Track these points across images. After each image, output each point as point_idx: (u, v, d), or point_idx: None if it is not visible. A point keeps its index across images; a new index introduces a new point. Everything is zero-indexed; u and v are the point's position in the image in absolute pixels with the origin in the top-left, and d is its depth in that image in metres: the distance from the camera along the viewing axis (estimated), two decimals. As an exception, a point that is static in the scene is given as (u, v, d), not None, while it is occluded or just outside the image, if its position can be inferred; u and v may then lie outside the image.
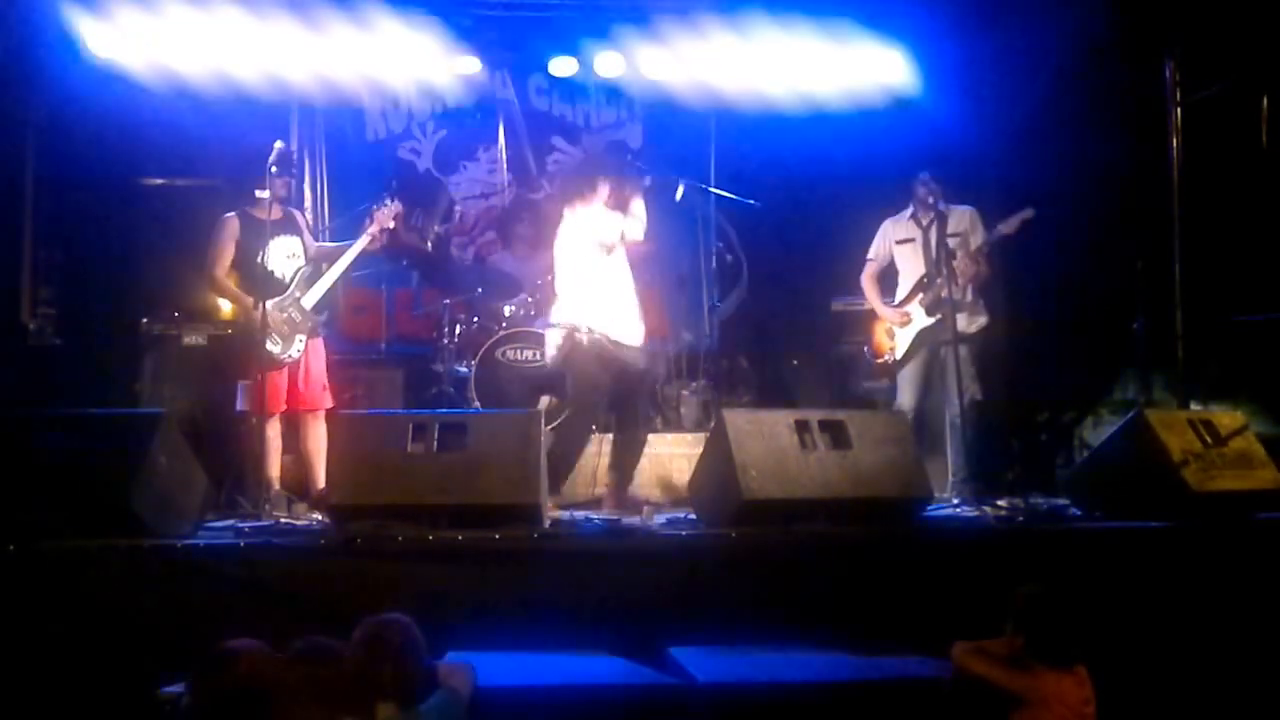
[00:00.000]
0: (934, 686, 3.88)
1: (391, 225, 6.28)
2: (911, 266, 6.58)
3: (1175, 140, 6.79)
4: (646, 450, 6.23)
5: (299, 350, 5.95)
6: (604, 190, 5.93)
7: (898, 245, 6.66)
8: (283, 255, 5.99)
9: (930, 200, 6.33)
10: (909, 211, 6.62)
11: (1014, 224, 6.30)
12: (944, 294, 6.22)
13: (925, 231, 6.50)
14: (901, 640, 4.29)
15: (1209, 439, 5.35)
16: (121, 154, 7.49)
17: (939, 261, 6.26)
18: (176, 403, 6.47)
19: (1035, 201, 6.26)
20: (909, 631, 4.33)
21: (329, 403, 6.13)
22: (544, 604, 4.39)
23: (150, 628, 4.21)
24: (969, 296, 6.41)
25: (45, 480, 4.55)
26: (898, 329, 6.57)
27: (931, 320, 6.40)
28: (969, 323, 6.35)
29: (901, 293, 6.61)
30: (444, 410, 6.64)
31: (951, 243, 6.27)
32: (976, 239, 6.41)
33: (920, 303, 6.47)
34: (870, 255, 6.78)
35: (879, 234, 6.76)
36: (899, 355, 6.56)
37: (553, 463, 5.38)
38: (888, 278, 6.75)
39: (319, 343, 6.13)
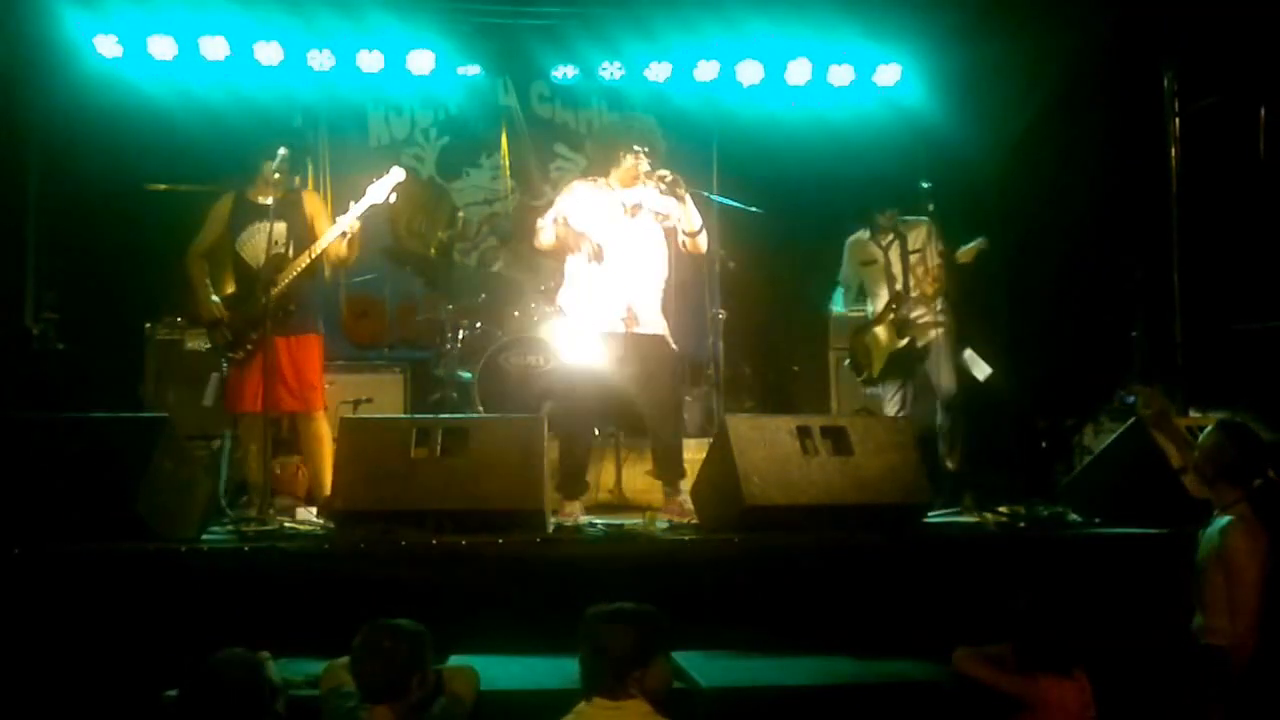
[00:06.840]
0: (935, 691, 3.90)
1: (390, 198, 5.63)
2: (878, 288, 6.60)
3: (1174, 150, 6.82)
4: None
5: (250, 347, 5.49)
6: None
7: (863, 267, 6.67)
8: (264, 243, 5.50)
9: (888, 225, 6.38)
10: (866, 234, 6.63)
11: (970, 253, 6.36)
12: (912, 315, 6.33)
13: (885, 252, 6.53)
14: (903, 645, 4.30)
15: (1208, 446, 5.36)
16: (125, 159, 7.50)
17: (905, 285, 6.35)
18: (180, 406, 6.48)
19: (1036, 207, 6.27)
20: (910, 636, 4.34)
21: (318, 404, 5.70)
22: (547, 608, 4.39)
23: (154, 631, 4.22)
24: (937, 307, 6.48)
25: (50, 484, 4.55)
26: (873, 347, 6.58)
27: (903, 342, 6.42)
28: (937, 331, 6.44)
29: (872, 312, 6.65)
30: (447, 415, 6.64)
31: (912, 259, 6.37)
32: (933, 251, 6.42)
33: (891, 324, 6.48)
34: (841, 280, 6.85)
35: (845, 258, 6.78)
36: (875, 374, 6.59)
37: None
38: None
39: (302, 341, 5.62)
